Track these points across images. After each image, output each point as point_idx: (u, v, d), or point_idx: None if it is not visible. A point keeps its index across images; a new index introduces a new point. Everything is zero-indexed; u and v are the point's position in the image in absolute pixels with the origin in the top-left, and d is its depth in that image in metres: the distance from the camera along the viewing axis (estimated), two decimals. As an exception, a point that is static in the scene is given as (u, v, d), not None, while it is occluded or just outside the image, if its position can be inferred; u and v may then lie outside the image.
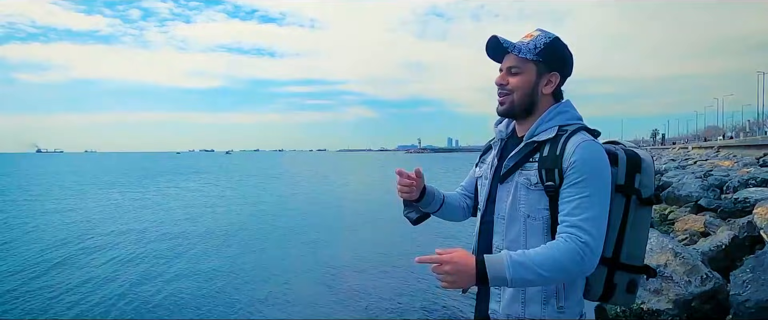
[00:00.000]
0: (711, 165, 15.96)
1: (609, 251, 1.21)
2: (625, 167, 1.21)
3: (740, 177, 8.25)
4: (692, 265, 3.51)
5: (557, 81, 1.25)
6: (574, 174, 1.11)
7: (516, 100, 1.24)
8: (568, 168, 1.12)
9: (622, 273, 1.23)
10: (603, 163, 1.14)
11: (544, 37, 1.24)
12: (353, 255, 8.23)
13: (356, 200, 18.47)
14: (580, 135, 1.17)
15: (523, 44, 1.23)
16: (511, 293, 1.19)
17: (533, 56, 1.22)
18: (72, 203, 16.53)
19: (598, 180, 1.11)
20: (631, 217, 1.22)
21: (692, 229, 5.87)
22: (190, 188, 23.63)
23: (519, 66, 1.23)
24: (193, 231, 10.59)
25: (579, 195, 1.10)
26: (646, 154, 1.26)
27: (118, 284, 6.39)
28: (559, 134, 1.19)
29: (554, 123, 1.22)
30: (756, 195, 5.83)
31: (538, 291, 1.17)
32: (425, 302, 5.52)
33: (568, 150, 1.14)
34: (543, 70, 1.24)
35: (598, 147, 1.15)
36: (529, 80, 1.23)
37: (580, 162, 1.11)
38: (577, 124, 1.22)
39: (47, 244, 9.03)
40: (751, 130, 55.17)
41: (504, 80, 1.26)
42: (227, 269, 7.26)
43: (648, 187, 1.22)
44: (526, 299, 1.17)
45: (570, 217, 1.10)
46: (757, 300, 2.30)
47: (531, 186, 1.18)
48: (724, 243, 4.21)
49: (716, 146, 35.25)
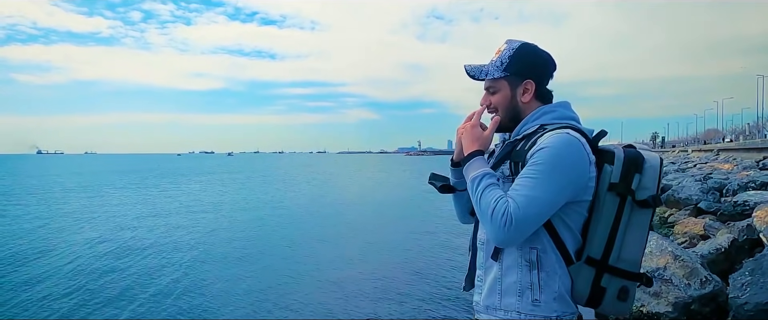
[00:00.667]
0: (711, 168, 15.97)
1: (597, 252, 1.17)
2: (621, 166, 1.17)
3: (740, 180, 8.26)
4: (692, 268, 3.51)
5: (533, 87, 1.28)
6: (532, 159, 1.14)
7: (502, 116, 1.31)
8: (531, 156, 1.14)
9: (612, 278, 1.17)
10: (566, 154, 1.12)
11: (508, 49, 1.29)
12: (353, 255, 8.23)
13: (359, 201, 18.48)
14: (558, 130, 1.17)
15: (491, 65, 1.30)
16: (489, 285, 1.22)
17: (501, 73, 1.28)
18: (94, 204, 16.52)
19: (551, 167, 1.11)
20: (625, 219, 1.17)
21: (692, 232, 5.88)
22: (210, 190, 23.68)
23: (493, 85, 1.30)
24: (201, 233, 10.60)
25: (526, 175, 1.13)
26: (654, 156, 1.21)
27: (127, 285, 6.40)
28: (537, 131, 1.21)
29: (538, 122, 1.25)
30: (755, 198, 5.83)
31: (513, 282, 1.18)
32: (424, 301, 5.52)
33: (537, 143, 1.16)
34: (516, 81, 1.28)
35: (568, 138, 1.14)
36: (505, 95, 1.29)
37: (542, 150, 1.13)
38: (562, 123, 1.21)
39: (78, 246, 9.03)
40: (750, 133, 55.23)
41: (486, 101, 1.33)
42: (240, 270, 7.26)
43: (648, 189, 1.17)
44: (502, 290, 1.19)
45: (511, 191, 1.13)
46: (756, 303, 2.31)
47: (504, 178, 1.21)
48: (723, 246, 4.22)
49: (716, 149, 35.27)
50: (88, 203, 17.08)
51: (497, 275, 1.20)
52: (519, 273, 1.17)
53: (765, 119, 53.07)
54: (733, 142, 41.12)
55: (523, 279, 1.16)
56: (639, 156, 1.19)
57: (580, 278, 1.18)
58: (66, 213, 14.29)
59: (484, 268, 1.25)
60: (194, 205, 16.66)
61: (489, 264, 1.24)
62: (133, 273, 7.05)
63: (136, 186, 25.98)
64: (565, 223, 1.17)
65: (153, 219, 12.87)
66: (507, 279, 1.19)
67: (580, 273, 1.17)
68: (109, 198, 19.27)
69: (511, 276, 1.18)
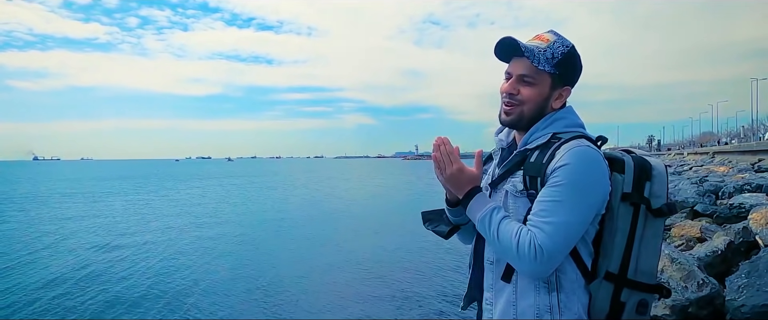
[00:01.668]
0: (706, 170, 16.05)
1: (615, 266, 1.11)
2: (632, 174, 1.11)
3: (735, 182, 8.31)
4: (688, 271, 3.52)
5: (568, 96, 1.19)
6: (555, 177, 1.05)
7: (526, 112, 1.16)
8: (551, 172, 1.06)
9: (632, 292, 1.11)
10: (591, 170, 1.05)
11: (561, 45, 1.14)
12: (355, 257, 8.21)
13: (359, 202, 18.44)
14: (575, 142, 1.09)
15: (539, 51, 1.13)
16: (501, 308, 1.13)
17: (550, 68, 1.13)
18: (108, 210, 16.41)
19: (578, 188, 1.03)
20: (639, 230, 1.11)
21: (688, 235, 5.89)
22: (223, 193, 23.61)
23: (533, 76, 1.14)
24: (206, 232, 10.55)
25: (550, 198, 1.04)
26: (659, 162, 1.15)
27: (133, 283, 6.35)
28: (551, 141, 1.12)
29: (549, 130, 1.15)
30: (751, 200, 5.87)
31: (529, 305, 1.09)
32: (424, 308, 5.51)
33: (557, 156, 1.07)
34: (557, 84, 1.16)
35: (592, 153, 1.06)
36: (542, 93, 1.15)
37: (566, 166, 1.04)
38: (574, 132, 1.14)
39: (89, 251, 8.97)
40: (745, 135, 55.55)
41: (514, 89, 1.16)
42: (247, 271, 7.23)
43: (659, 197, 1.11)
44: (517, 314, 1.10)
45: (535, 217, 1.05)
46: (753, 305, 2.32)
47: (517, 193, 1.13)
48: (720, 249, 4.23)
49: (711, 152, 35.45)
50: (111, 209, 16.91)
51: (511, 298, 1.11)
52: (536, 296, 1.09)
53: (759, 122, 53.48)
54: (728, 145, 41.35)
55: (540, 302, 1.08)
56: (646, 162, 1.13)
57: (600, 294, 1.12)
58: (81, 218, 14.16)
59: (494, 290, 1.15)
60: (203, 208, 16.60)
61: (499, 285, 1.14)
62: (139, 275, 7.00)
63: (148, 191, 25.82)
64: (583, 239, 1.10)
65: (165, 221, 12.85)
66: (523, 301, 1.10)
67: (599, 290, 1.11)
68: (131, 203, 19.11)
69: (526, 298, 1.09)
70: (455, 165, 1.14)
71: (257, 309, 5.51)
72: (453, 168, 1.14)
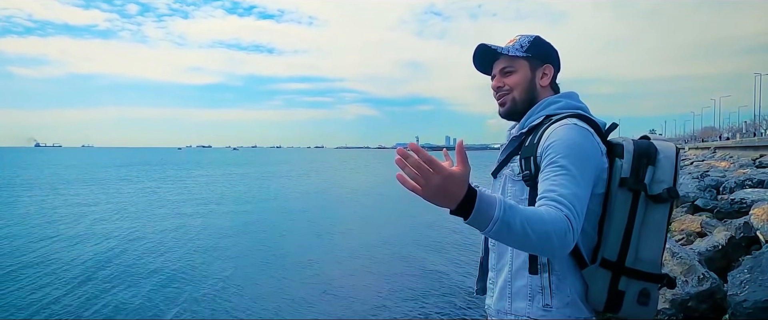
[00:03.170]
0: (707, 165, 16.03)
1: (613, 253, 1.09)
2: (631, 158, 1.10)
3: (737, 178, 8.29)
4: (689, 265, 3.51)
5: (552, 73, 1.26)
6: (550, 155, 1.05)
7: (517, 97, 1.24)
8: (543, 152, 1.07)
9: (631, 281, 1.09)
10: (581, 142, 1.06)
11: (525, 37, 1.26)
12: (360, 250, 8.23)
13: (363, 193, 18.47)
14: (563, 121, 1.11)
15: (509, 45, 1.26)
16: (499, 288, 1.18)
17: (522, 53, 1.23)
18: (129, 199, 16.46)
19: (577, 158, 1.03)
20: (639, 216, 1.08)
21: (689, 229, 5.88)
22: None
23: (511, 65, 1.25)
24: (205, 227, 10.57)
25: (556, 173, 1.01)
26: (669, 145, 1.13)
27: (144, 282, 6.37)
28: (543, 122, 1.16)
29: (543, 113, 1.20)
30: (752, 196, 5.85)
31: (523, 286, 1.12)
32: (426, 302, 5.51)
33: (544, 135, 1.10)
34: (536, 64, 1.25)
35: (577, 129, 1.08)
36: (525, 76, 1.24)
37: (556, 142, 1.06)
38: (567, 112, 1.16)
39: (115, 237, 8.99)
40: (747, 131, 55.44)
41: (500, 82, 1.26)
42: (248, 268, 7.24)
43: (663, 182, 1.09)
44: (512, 294, 1.15)
45: (549, 192, 0.98)
46: (755, 301, 2.31)
47: (515, 176, 1.16)
48: (720, 244, 4.22)
49: (713, 147, 35.40)
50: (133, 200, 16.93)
51: (507, 278, 1.16)
52: (529, 277, 1.12)
53: (761, 117, 53.32)
54: (730, 140, 41.29)
55: (533, 283, 1.11)
56: (651, 146, 1.12)
57: (596, 282, 1.09)
58: (100, 207, 14.16)
59: (496, 270, 1.22)
60: (212, 198, 16.63)
61: (500, 265, 1.20)
62: (141, 271, 7.02)
63: (166, 180, 25.80)
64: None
65: (176, 207, 12.84)
66: (517, 282, 1.14)
67: (595, 277, 1.09)
68: (146, 192, 19.13)
69: (520, 279, 1.13)
70: (436, 176, 0.81)
71: (258, 308, 5.49)
72: (435, 181, 0.81)
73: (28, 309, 5.24)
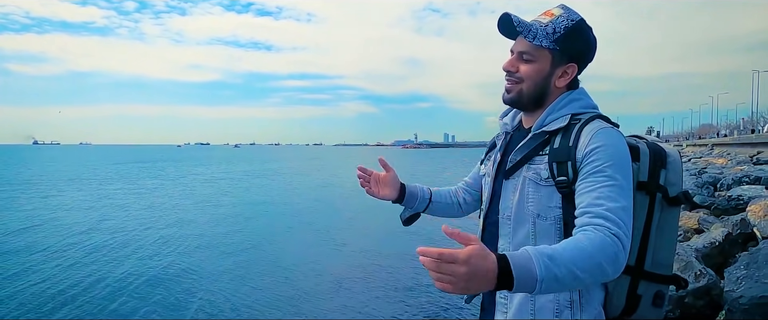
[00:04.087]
0: (705, 162, 16.08)
1: (632, 258, 1.06)
2: (648, 162, 1.07)
3: (734, 175, 8.32)
4: (686, 261, 3.53)
5: (574, 73, 1.11)
6: (594, 162, 0.97)
7: (525, 90, 1.11)
8: (584, 157, 0.99)
9: (648, 284, 1.07)
10: (624, 150, 1.00)
11: (565, 18, 1.07)
12: (347, 251, 8.24)
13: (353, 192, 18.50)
14: (596, 122, 1.04)
15: (539, 27, 1.07)
16: (518, 303, 1.06)
17: (550, 44, 1.06)
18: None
19: (623, 168, 0.97)
20: (656, 219, 1.06)
21: (686, 226, 5.91)
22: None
23: (532, 53, 1.08)
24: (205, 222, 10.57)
25: (603, 184, 0.94)
26: (674, 149, 1.11)
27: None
28: (571, 123, 1.06)
29: (566, 111, 1.09)
30: (749, 192, 5.89)
31: (549, 301, 1.02)
32: (420, 308, 5.52)
33: (582, 139, 1.00)
34: (559, 61, 1.09)
35: (617, 133, 1.02)
36: (542, 70, 1.09)
37: (600, 148, 0.97)
38: (591, 112, 1.09)
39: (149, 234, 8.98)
40: (744, 128, 55.62)
41: (513, 67, 1.11)
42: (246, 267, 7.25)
43: (675, 185, 1.07)
44: (535, 310, 1.03)
45: (594, 207, 0.92)
46: (752, 297, 2.33)
47: (541, 181, 1.05)
48: (717, 240, 4.24)
49: (710, 144, 35.52)
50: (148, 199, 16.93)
51: (528, 294, 1.02)
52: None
53: (759, 114, 53.48)
54: (727, 137, 41.42)
55: (561, 298, 1.02)
56: (661, 150, 1.10)
57: (617, 289, 1.07)
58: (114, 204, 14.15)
59: None
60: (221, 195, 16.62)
61: None
62: (142, 270, 7.02)
63: (185, 178, 25.72)
64: None
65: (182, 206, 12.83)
66: (541, 297, 1.02)
67: (618, 284, 1.06)
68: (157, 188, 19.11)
69: (545, 294, 1.01)
70: (458, 265, 0.74)
71: (256, 309, 5.48)
72: (460, 271, 0.74)
73: (19, 308, 5.23)
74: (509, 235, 1.10)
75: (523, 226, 1.08)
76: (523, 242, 1.07)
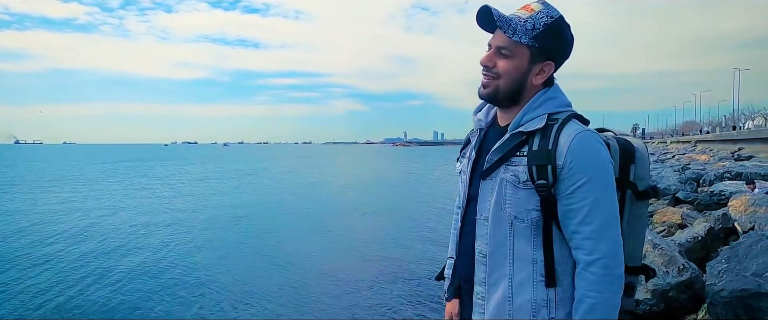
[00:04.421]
0: (688, 159, 16.38)
1: None
2: (618, 158, 1.09)
3: (716, 170, 8.50)
4: (670, 256, 3.60)
5: (551, 71, 1.10)
6: (574, 177, 0.99)
7: (501, 86, 1.09)
8: (564, 166, 1.00)
9: None
10: (604, 156, 1.02)
11: (545, 15, 1.06)
12: (344, 250, 8.23)
13: (357, 189, 18.45)
14: (573, 124, 1.05)
15: (519, 22, 1.05)
16: (496, 303, 1.08)
17: (529, 40, 1.05)
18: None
19: (602, 177, 1.00)
20: (626, 214, 1.10)
21: (670, 221, 6.03)
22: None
23: (510, 49, 1.07)
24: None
25: (586, 200, 0.99)
26: (639, 142, 1.13)
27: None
28: (549, 123, 1.05)
29: (542, 111, 1.07)
30: (731, 188, 6.03)
31: (526, 301, 1.05)
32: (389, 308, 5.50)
33: (561, 143, 1.01)
34: (537, 58, 1.07)
35: (594, 137, 1.03)
36: (519, 67, 1.07)
37: (577, 161, 0.99)
38: (567, 111, 1.09)
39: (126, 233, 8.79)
40: (726, 125, 56.80)
41: (490, 61, 1.10)
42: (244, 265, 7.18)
43: (644, 179, 1.10)
44: (512, 309, 1.05)
45: (583, 227, 1.00)
46: (732, 289, 2.38)
47: (519, 184, 1.04)
48: (700, 235, 4.33)
49: (694, 140, 36.22)
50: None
51: (506, 293, 1.06)
52: (533, 291, 1.04)
53: (740, 111, 54.63)
54: (709, 134, 42.26)
55: (538, 297, 1.04)
56: (629, 144, 1.11)
57: None
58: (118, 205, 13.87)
59: (487, 285, 1.10)
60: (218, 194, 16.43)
61: (493, 279, 1.09)
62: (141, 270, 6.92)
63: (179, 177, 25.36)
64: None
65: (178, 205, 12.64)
66: (519, 297, 1.05)
67: None
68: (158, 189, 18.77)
69: (523, 294, 1.05)
70: None
71: (256, 308, 5.42)
72: None
73: (20, 309, 5.14)
74: (486, 236, 1.10)
75: (500, 228, 1.08)
76: (501, 243, 1.08)
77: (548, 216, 1.03)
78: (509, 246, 1.07)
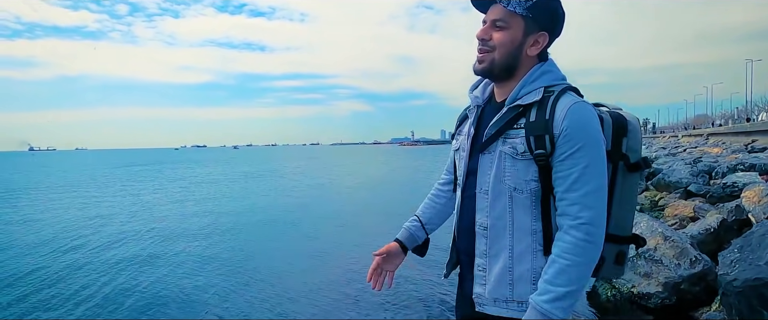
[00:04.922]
0: (700, 152, 16.16)
1: None
2: (610, 131, 1.13)
3: (729, 163, 8.37)
4: (681, 248, 3.57)
5: (545, 42, 1.13)
6: (567, 144, 1.03)
7: (497, 58, 1.12)
8: (560, 134, 1.03)
9: (611, 245, 1.15)
10: (596, 126, 1.06)
11: None
12: (340, 248, 8.26)
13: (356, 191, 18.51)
14: (569, 96, 1.08)
15: None
16: (497, 274, 1.12)
17: (523, 11, 1.09)
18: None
19: (594, 147, 1.03)
20: (618, 185, 1.14)
21: (682, 214, 5.96)
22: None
23: (505, 20, 1.10)
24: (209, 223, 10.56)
25: (576, 168, 1.02)
26: (632, 115, 1.17)
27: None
28: (545, 96, 1.08)
29: (539, 84, 1.11)
30: (744, 179, 5.93)
31: (526, 270, 1.09)
32: (404, 295, 5.54)
33: (557, 113, 1.04)
34: (531, 29, 1.11)
35: (588, 108, 1.07)
36: (514, 38, 1.11)
37: (572, 128, 1.02)
38: (562, 84, 1.12)
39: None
40: (739, 117, 55.87)
41: (486, 34, 1.13)
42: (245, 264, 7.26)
43: (635, 152, 1.15)
44: (513, 280, 1.10)
45: (570, 193, 1.03)
46: (745, 279, 2.36)
47: (517, 155, 1.08)
48: (712, 227, 4.28)
49: (705, 134, 35.69)
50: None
51: (507, 264, 1.10)
52: (533, 260, 1.09)
53: (754, 103, 53.73)
54: (722, 126, 41.61)
55: (537, 266, 1.08)
56: (622, 118, 1.16)
57: None
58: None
59: (488, 257, 1.14)
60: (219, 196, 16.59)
61: (495, 251, 1.12)
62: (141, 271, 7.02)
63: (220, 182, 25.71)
64: None
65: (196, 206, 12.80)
66: (519, 267, 1.09)
67: None
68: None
69: (523, 263, 1.09)
70: None
71: (254, 309, 5.50)
72: None
73: (23, 309, 5.24)
74: (486, 209, 1.14)
75: (500, 200, 1.12)
76: (500, 215, 1.12)
77: (546, 186, 1.08)
78: (509, 218, 1.11)
